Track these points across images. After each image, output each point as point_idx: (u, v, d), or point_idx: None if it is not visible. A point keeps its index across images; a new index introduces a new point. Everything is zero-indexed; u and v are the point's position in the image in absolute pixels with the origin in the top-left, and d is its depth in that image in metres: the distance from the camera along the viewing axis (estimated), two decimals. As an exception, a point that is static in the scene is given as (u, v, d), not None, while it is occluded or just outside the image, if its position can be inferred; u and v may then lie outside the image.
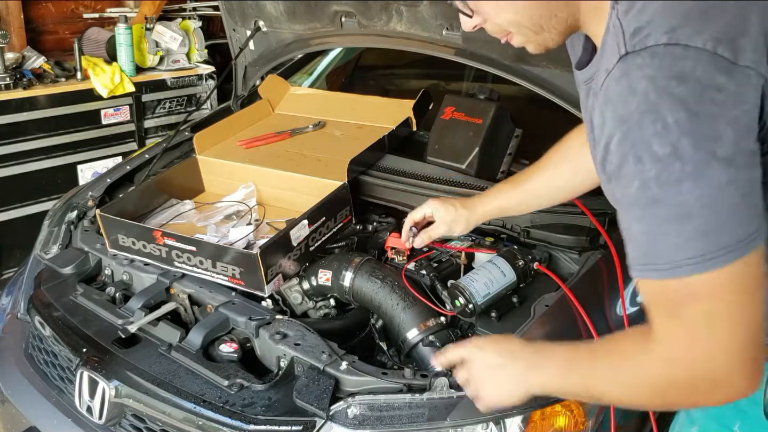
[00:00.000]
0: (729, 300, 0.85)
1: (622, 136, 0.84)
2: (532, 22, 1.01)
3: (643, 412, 1.51)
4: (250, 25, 2.38)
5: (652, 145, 0.81)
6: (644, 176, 0.83)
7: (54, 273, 1.97)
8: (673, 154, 0.80)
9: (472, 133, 1.98)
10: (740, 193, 0.81)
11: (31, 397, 1.78)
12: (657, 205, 0.83)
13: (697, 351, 0.87)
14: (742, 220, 0.82)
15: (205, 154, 2.25)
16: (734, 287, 0.84)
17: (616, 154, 0.85)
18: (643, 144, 0.82)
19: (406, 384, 1.42)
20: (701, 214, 0.81)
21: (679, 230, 0.82)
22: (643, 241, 0.86)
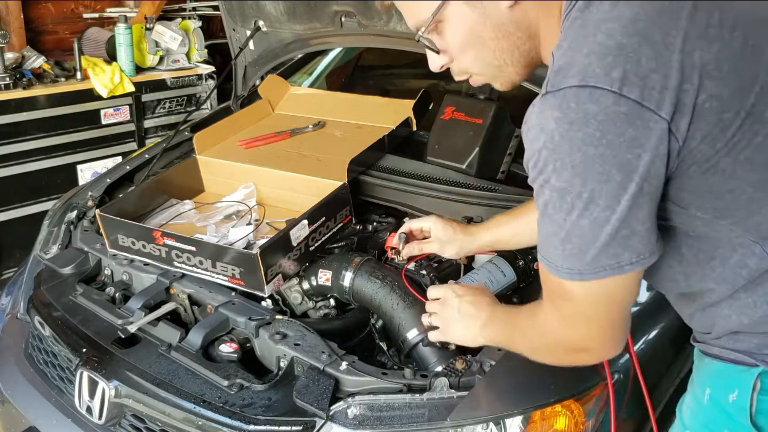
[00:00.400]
0: (595, 305, 1.03)
1: (533, 163, 0.96)
2: (496, 56, 1.08)
3: (642, 412, 1.51)
4: (250, 25, 2.37)
5: (551, 179, 0.94)
6: (544, 198, 0.97)
7: (54, 273, 1.97)
8: (566, 190, 0.92)
9: (472, 133, 1.98)
10: (615, 230, 0.93)
11: (31, 397, 1.78)
12: (549, 222, 0.98)
13: (569, 332, 1.09)
14: (617, 251, 0.94)
15: (205, 154, 2.25)
16: (601, 297, 1.02)
17: (531, 172, 0.98)
18: (546, 175, 0.94)
19: (406, 384, 1.42)
20: (578, 242, 0.95)
21: (561, 247, 0.98)
22: (541, 239, 1.01)
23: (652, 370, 1.54)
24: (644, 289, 1.63)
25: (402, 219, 2.01)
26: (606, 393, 1.42)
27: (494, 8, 1.04)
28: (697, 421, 1.18)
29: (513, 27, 1.06)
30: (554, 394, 1.39)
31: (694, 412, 1.19)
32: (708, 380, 1.16)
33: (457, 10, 1.05)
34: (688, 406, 1.22)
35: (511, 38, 1.06)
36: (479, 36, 1.07)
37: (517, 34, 1.06)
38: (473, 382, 1.40)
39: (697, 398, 1.18)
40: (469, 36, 1.07)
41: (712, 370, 1.15)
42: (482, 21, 1.05)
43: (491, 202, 1.87)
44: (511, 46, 1.07)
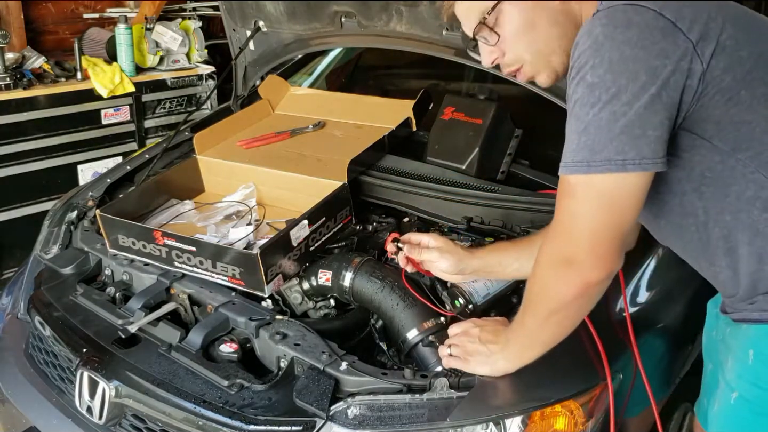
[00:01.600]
0: (594, 204, 1.11)
1: (575, 65, 1.10)
2: (547, 44, 1.23)
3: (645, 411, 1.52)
4: (250, 25, 2.37)
5: (587, 75, 1.07)
6: (575, 96, 1.09)
7: (54, 273, 1.97)
8: (596, 84, 1.06)
9: (472, 133, 1.98)
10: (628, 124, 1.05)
11: (31, 397, 1.78)
12: (574, 120, 1.10)
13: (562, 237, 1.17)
14: (625, 147, 1.06)
15: (205, 155, 2.25)
16: (601, 195, 1.10)
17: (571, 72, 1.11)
18: (584, 72, 1.08)
19: (406, 384, 1.42)
20: (593, 133, 1.07)
21: (577, 140, 1.09)
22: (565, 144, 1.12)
23: (652, 370, 1.54)
24: (644, 290, 1.64)
25: (402, 219, 2.01)
26: (606, 393, 1.42)
27: None
28: (744, 381, 1.25)
29: (562, 17, 1.22)
30: (554, 394, 1.39)
31: (739, 373, 1.26)
32: (749, 343, 1.24)
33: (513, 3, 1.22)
34: (732, 370, 1.28)
35: (561, 27, 1.22)
36: (534, 23, 1.22)
37: (565, 23, 1.22)
38: (473, 382, 1.40)
39: (741, 361, 1.25)
40: (524, 23, 1.22)
41: (752, 333, 1.24)
42: (538, 9, 1.21)
43: (491, 202, 1.88)
44: (560, 34, 1.22)
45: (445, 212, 1.93)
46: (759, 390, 1.22)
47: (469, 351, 1.42)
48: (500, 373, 1.39)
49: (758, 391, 1.22)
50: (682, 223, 1.24)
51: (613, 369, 1.44)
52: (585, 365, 1.44)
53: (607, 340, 1.47)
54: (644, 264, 1.63)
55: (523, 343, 1.35)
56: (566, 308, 1.23)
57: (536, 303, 1.28)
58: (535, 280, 1.28)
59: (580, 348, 1.45)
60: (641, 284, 1.63)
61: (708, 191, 1.18)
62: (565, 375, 1.42)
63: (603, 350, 1.43)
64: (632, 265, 1.60)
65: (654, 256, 1.63)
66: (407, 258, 1.62)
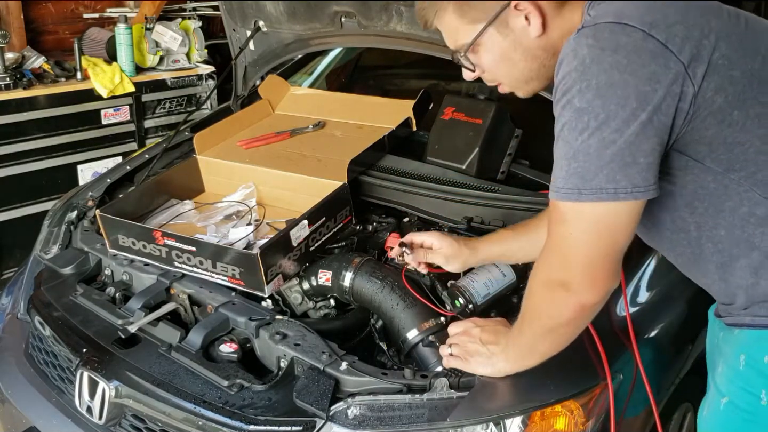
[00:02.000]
0: (586, 231, 1.10)
1: (561, 86, 1.07)
2: (523, 74, 1.24)
3: (645, 411, 1.52)
4: (250, 25, 2.37)
5: (574, 99, 1.04)
6: (563, 120, 1.06)
7: (54, 273, 1.97)
8: (585, 110, 1.03)
9: (472, 133, 1.98)
10: (619, 152, 1.02)
11: (31, 397, 1.78)
12: (563, 145, 1.07)
13: (555, 260, 1.16)
14: (616, 176, 1.04)
15: (205, 155, 2.25)
16: (593, 223, 1.09)
17: (556, 95, 1.08)
18: (570, 95, 1.04)
19: (406, 384, 1.42)
20: (583, 160, 1.04)
21: (566, 166, 1.07)
22: (554, 169, 1.10)
23: (652, 370, 1.54)
24: (644, 290, 1.64)
25: (402, 219, 2.01)
26: (606, 393, 1.42)
27: (524, 36, 1.19)
28: (734, 387, 1.24)
29: (540, 51, 1.21)
30: (554, 394, 1.39)
31: (730, 378, 1.25)
32: (741, 348, 1.23)
33: (491, 37, 1.20)
34: (723, 375, 1.27)
35: (538, 60, 1.21)
36: (509, 58, 1.22)
37: (543, 56, 1.21)
38: (473, 382, 1.40)
39: (732, 366, 1.24)
40: (500, 58, 1.23)
41: (743, 338, 1.22)
42: (513, 47, 1.21)
43: (491, 202, 1.87)
44: (538, 66, 1.22)
45: (445, 212, 1.93)
46: (749, 396, 1.21)
47: (469, 351, 1.42)
48: (501, 374, 1.39)
49: (748, 397, 1.21)
50: (674, 238, 1.24)
51: (613, 369, 1.44)
52: (585, 365, 1.44)
53: (607, 340, 1.47)
54: (644, 264, 1.63)
55: (523, 351, 1.36)
56: (562, 327, 1.25)
57: (533, 320, 1.29)
58: (531, 299, 1.28)
59: (580, 348, 1.45)
60: (641, 284, 1.63)
61: (701, 207, 1.16)
62: (565, 375, 1.42)
63: (603, 351, 1.43)
64: (632, 265, 1.60)
65: (654, 256, 1.63)
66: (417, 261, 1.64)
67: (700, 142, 1.09)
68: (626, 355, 1.50)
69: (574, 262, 1.14)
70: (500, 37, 1.20)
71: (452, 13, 1.21)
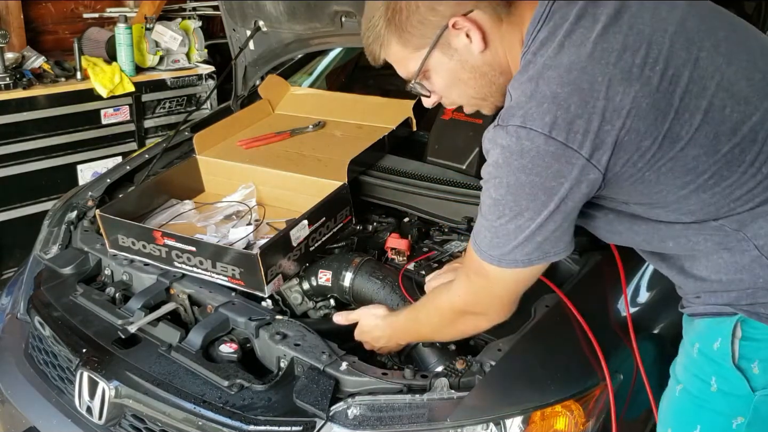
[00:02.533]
0: (504, 286, 1.26)
1: (483, 172, 1.18)
2: (477, 92, 1.28)
3: (645, 411, 1.51)
4: (250, 25, 2.37)
5: (490, 189, 1.16)
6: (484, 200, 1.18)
7: (54, 273, 1.97)
8: (499, 201, 1.14)
9: (472, 133, 1.98)
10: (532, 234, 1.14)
11: (31, 397, 1.78)
12: (484, 220, 1.19)
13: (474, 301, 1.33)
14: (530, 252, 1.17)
15: (205, 154, 2.25)
16: (510, 281, 1.25)
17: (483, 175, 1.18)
18: (488, 185, 1.16)
19: (406, 384, 1.42)
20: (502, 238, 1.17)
21: (489, 238, 1.19)
22: (477, 226, 1.23)
23: (653, 370, 1.54)
24: (644, 290, 1.64)
25: (402, 219, 2.01)
26: (606, 393, 1.42)
27: (468, 54, 1.22)
28: (687, 373, 1.30)
29: (487, 67, 1.24)
30: (554, 395, 1.39)
31: (686, 366, 1.31)
32: (695, 337, 1.29)
33: (438, 60, 1.24)
34: (680, 363, 1.34)
35: (487, 77, 1.25)
36: (459, 78, 1.25)
37: (491, 73, 1.24)
38: (473, 382, 1.40)
39: (688, 354, 1.31)
40: (450, 79, 1.26)
41: (698, 327, 1.29)
42: (459, 66, 1.24)
43: (491, 202, 1.87)
44: (488, 83, 1.25)
45: (445, 212, 1.93)
46: (700, 383, 1.25)
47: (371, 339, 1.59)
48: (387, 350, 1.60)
49: (700, 384, 1.25)
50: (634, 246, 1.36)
51: (613, 369, 1.44)
52: (585, 365, 1.44)
53: (607, 341, 1.47)
54: (644, 264, 1.63)
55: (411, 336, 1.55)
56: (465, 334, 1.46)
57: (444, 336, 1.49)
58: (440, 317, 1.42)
59: (580, 348, 1.45)
60: (641, 284, 1.63)
61: (641, 229, 1.24)
62: (566, 375, 1.42)
63: (600, 351, 1.43)
64: (632, 265, 1.60)
65: (654, 256, 1.63)
66: None
67: (619, 194, 1.16)
68: (626, 354, 1.50)
69: (491, 303, 1.31)
70: (446, 58, 1.23)
71: (396, 44, 1.25)
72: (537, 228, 1.14)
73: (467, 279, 1.31)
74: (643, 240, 1.28)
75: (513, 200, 1.13)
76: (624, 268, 1.57)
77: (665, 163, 1.10)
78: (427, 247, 1.85)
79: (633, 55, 1.08)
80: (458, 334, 1.45)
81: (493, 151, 1.15)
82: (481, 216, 1.20)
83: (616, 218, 1.24)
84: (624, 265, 1.57)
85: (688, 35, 1.12)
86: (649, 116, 1.07)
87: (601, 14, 1.11)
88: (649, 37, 1.10)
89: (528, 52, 1.15)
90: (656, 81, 1.08)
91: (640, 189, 1.14)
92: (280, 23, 2.29)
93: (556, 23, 1.13)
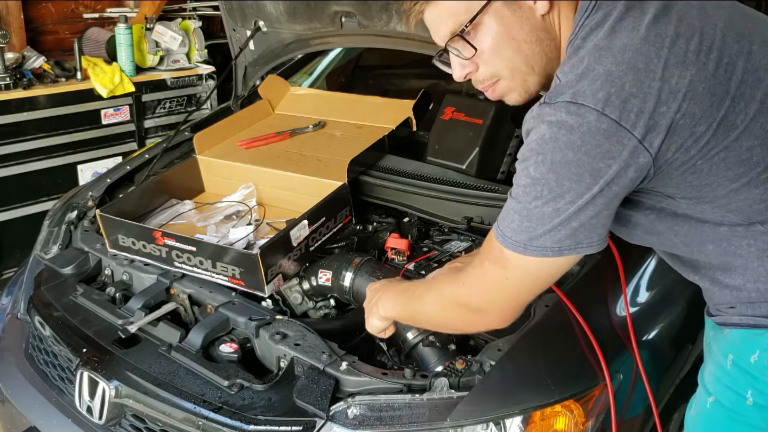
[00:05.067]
0: (522, 279, 1.17)
1: (522, 150, 1.11)
2: (526, 61, 1.17)
3: (645, 411, 1.52)
4: (250, 25, 2.37)
5: (530, 168, 1.08)
6: (520, 181, 1.11)
7: (54, 273, 1.97)
8: (539, 180, 1.07)
9: (472, 133, 1.98)
10: (568, 218, 1.07)
11: (31, 397, 1.78)
12: (516, 201, 1.12)
13: (480, 292, 1.23)
14: (563, 239, 1.09)
15: (205, 154, 2.25)
16: (531, 274, 1.16)
17: (519, 155, 1.12)
18: (528, 163, 1.09)
19: (406, 384, 1.42)
20: (535, 222, 1.09)
21: (518, 221, 1.11)
22: (505, 210, 1.15)
23: (652, 370, 1.54)
24: (644, 290, 1.64)
25: (402, 219, 2.01)
26: (606, 393, 1.42)
27: (531, 13, 1.14)
28: (720, 385, 1.25)
29: (544, 34, 1.15)
30: (554, 394, 1.39)
31: (717, 377, 1.26)
32: (728, 348, 1.24)
33: (497, 11, 1.13)
34: (711, 373, 1.28)
35: (542, 44, 1.16)
36: (515, 38, 1.15)
37: (546, 42, 1.16)
38: (473, 382, 1.40)
39: (720, 365, 1.25)
40: (505, 37, 1.15)
41: (732, 338, 1.23)
42: (520, 23, 1.14)
43: (491, 202, 1.87)
44: (541, 53, 1.17)
45: (445, 212, 1.93)
46: (735, 395, 1.22)
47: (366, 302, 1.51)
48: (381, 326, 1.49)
49: (734, 397, 1.22)
50: (667, 251, 1.30)
51: (613, 369, 1.44)
52: (585, 365, 1.44)
53: (607, 341, 1.48)
54: (644, 264, 1.63)
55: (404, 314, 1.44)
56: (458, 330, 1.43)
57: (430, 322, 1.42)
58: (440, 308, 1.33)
59: (580, 348, 1.45)
60: (641, 284, 1.63)
61: (682, 230, 1.19)
62: (565, 375, 1.42)
63: (600, 351, 1.43)
64: (632, 265, 1.60)
65: (654, 256, 1.63)
66: None
67: (667, 185, 1.11)
68: (626, 355, 1.50)
69: (499, 301, 1.22)
70: (507, 11, 1.13)
71: None
72: (575, 212, 1.06)
73: (480, 267, 1.22)
74: (681, 242, 1.21)
75: (555, 179, 1.05)
76: (624, 268, 1.57)
77: (719, 152, 1.06)
78: (427, 247, 1.85)
79: (687, 42, 1.05)
80: (445, 324, 1.38)
81: (537, 128, 1.07)
82: (513, 199, 1.12)
83: (657, 218, 1.19)
84: (624, 265, 1.57)
85: (738, 30, 1.10)
86: (705, 101, 1.04)
87: (648, 7, 1.08)
88: (700, 28, 1.07)
89: (576, 38, 1.11)
90: (712, 67, 1.05)
91: (690, 180, 1.09)
92: (280, 23, 2.29)
93: (605, 12, 1.09)
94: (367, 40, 2.18)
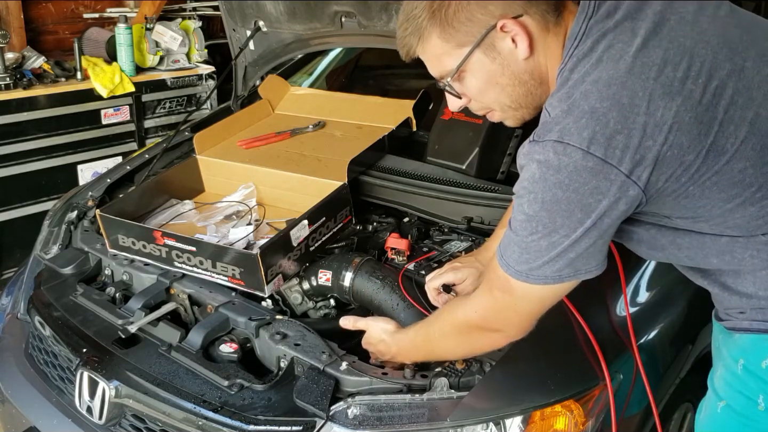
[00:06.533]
0: (529, 304, 1.22)
1: (516, 187, 1.15)
2: (512, 100, 1.23)
3: (645, 411, 1.52)
4: (250, 25, 2.37)
5: (524, 204, 1.12)
6: (516, 215, 1.15)
7: (54, 273, 1.97)
8: (533, 217, 1.11)
9: (472, 133, 1.98)
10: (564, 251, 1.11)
11: (31, 397, 1.78)
12: (514, 234, 1.15)
13: (494, 317, 1.28)
14: (562, 269, 1.13)
15: (205, 154, 2.25)
16: (535, 299, 1.20)
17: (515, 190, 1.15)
18: (522, 200, 1.12)
19: (406, 384, 1.42)
20: (533, 254, 1.13)
21: (518, 253, 1.15)
22: (505, 240, 1.19)
23: (652, 370, 1.54)
24: (644, 290, 1.64)
25: (402, 219, 2.01)
26: (606, 393, 1.42)
27: (511, 59, 1.17)
28: (731, 390, 1.25)
29: (527, 76, 1.19)
30: (554, 394, 1.39)
31: (728, 382, 1.26)
32: (739, 352, 1.24)
33: (478, 61, 1.18)
34: (721, 378, 1.28)
35: (525, 86, 1.20)
36: (497, 82, 1.20)
37: (530, 82, 1.20)
38: (473, 382, 1.40)
39: (730, 369, 1.25)
40: (487, 82, 1.21)
41: (742, 342, 1.23)
42: (500, 70, 1.19)
43: (491, 202, 1.88)
44: (525, 92, 1.21)
45: (445, 212, 1.93)
46: (746, 400, 1.21)
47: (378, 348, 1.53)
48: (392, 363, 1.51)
49: (746, 402, 1.22)
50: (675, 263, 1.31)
51: (613, 369, 1.44)
52: (585, 365, 1.44)
53: (607, 341, 1.48)
54: (644, 264, 1.63)
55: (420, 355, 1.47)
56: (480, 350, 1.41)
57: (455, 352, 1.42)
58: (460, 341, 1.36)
59: (580, 348, 1.46)
60: (641, 284, 1.63)
61: (684, 244, 1.20)
62: (565, 375, 1.43)
63: (600, 351, 1.44)
64: (632, 265, 1.60)
65: (654, 256, 1.63)
66: None
67: (662, 209, 1.13)
68: (626, 354, 1.50)
69: (514, 322, 1.26)
70: (488, 60, 1.17)
71: (437, 38, 1.18)
72: (571, 244, 1.10)
73: (489, 294, 1.26)
74: (686, 256, 1.23)
75: (547, 217, 1.09)
76: (624, 268, 1.57)
77: (710, 177, 1.07)
78: (427, 247, 1.85)
79: (674, 69, 1.05)
80: (473, 351, 1.40)
81: (528, 166, 1.11)
82: (511, 231, 1.16)
83: (658, 232, 1.20)
84: (624, 265, 1.57)
85: (732, 46, 1.10)
86: (693, 130, 1.04)
87: (639, 28, 1.08)
88: (691, 49, 1.07)
89: (564, 69, 1.13)
90: (698, 94, 1.05)
91: (683, 203, 1.11)
92: (280, 23, 2.29)
93: (594, 40, 1.10)
94: (367, 40, 2.18)
